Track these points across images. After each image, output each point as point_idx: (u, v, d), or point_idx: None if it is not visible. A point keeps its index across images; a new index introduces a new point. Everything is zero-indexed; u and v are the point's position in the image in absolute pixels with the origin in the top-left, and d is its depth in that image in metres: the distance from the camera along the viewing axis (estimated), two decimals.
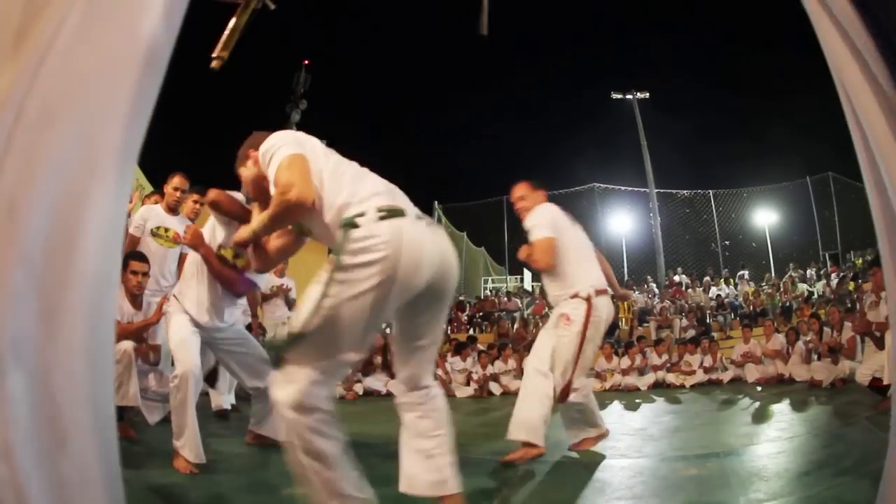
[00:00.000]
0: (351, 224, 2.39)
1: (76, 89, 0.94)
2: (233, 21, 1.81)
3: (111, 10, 1.00)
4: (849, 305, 12.99)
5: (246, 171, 3.21)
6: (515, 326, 17.55)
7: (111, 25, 1.00)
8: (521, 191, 5.37)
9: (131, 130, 1.03)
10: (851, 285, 16.98)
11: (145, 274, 5.43)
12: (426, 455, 2.75)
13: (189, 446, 4.12)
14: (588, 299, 4.74)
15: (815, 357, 10.35)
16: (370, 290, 2.31)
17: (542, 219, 5.01)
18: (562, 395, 4.61)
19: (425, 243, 2.48)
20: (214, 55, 1.79)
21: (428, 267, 2.48)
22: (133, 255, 5.42)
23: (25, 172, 0.88)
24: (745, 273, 22.78)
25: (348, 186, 2.63)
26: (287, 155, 2.66)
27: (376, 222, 2.40)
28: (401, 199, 2.65)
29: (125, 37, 1.02)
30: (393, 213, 2.45)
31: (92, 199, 0.97)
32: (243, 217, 4.06)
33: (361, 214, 2.42)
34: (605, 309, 4.84)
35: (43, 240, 0.91)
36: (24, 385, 0.89)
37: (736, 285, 21.31)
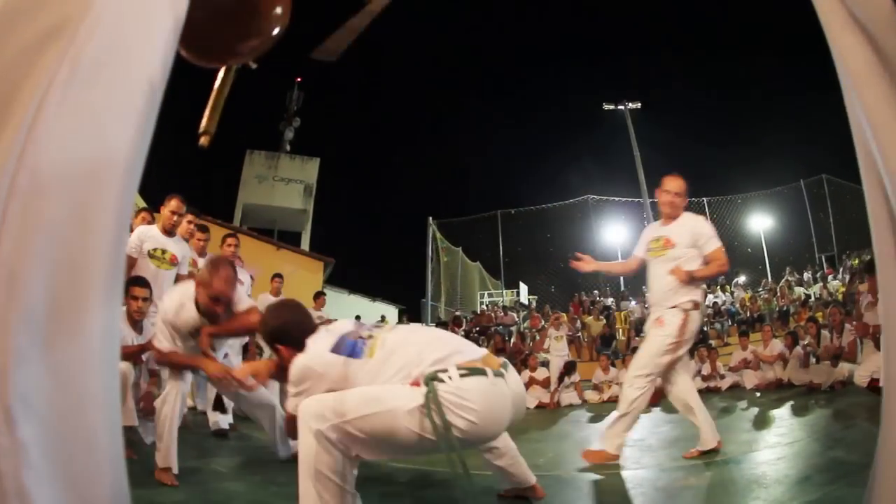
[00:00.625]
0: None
1: (66, 154, 0.95)
2: (216, 86, 1.78)
3: (97, 70, 1.00)
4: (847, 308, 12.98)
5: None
6: (512, 340, 17.54)
7: (98, 85, 1.00)
8: (680, 187, 5.44)
9: (127, 181, 1.05)
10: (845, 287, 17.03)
11: (146, 299, 5.42)
12: None
13: (164, 454, 4.16)
14: (687, 312, 5.10)
15: (814, 360, 10.35)
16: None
17: (712, 229, 5.39)
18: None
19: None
20: (201, 130, 1.75)
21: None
22: (135, 280, 5.41)
23: (21, 240, 0.89)
24: (741, 279, 22.82)
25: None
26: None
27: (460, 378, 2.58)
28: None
29: (115, 94, 1.03)
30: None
31: (91, 256, 0.98)
32: None
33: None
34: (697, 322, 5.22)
35: (45, 301, 0.91)
36: (36, 433, 0.90)
37: (732, 292, 21.34)
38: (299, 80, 38.54)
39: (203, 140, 1.72)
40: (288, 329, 3.03)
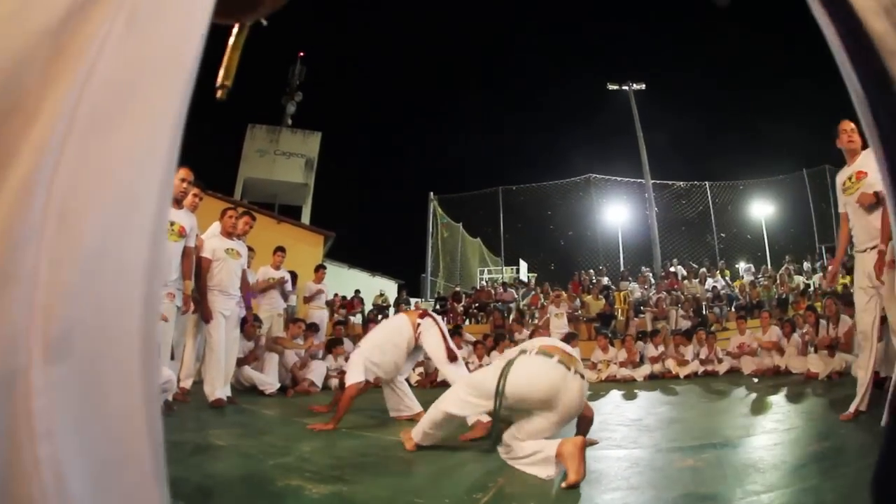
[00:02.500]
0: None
1: (124, 97, 0.98)
2: (230, 42, 1.76)
3: (153, 19, 1.02)
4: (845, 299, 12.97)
5: None
6: (511, 317, 17.56)
7: (154, 34, 1.03)
8: (853, 125, 5.59)
9: (174, 134, 1.06)
10: (848, 279, 16.99)
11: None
12: None
13: None
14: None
15: (812, 349, 10.37)
16: None
17: None
18: None
19: None
20: (218, 84, 1.74)
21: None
22: None
23: (77, 178, 0.90)
24: (751, 266, 22.83)
25: None
26: None
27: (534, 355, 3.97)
28: None
29: (167, 44, 1.06)
30: None
31: (141, 201, 1.00)
32: None
33: None
34: None
35: (97, 240, 0.93)
36: (73, 371, 0.90)
37: (734, 277, 21.37)
38: (302, 54, 38.37)
39: (220, 93, 1.71)
40: None
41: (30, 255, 0.84)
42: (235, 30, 1.73)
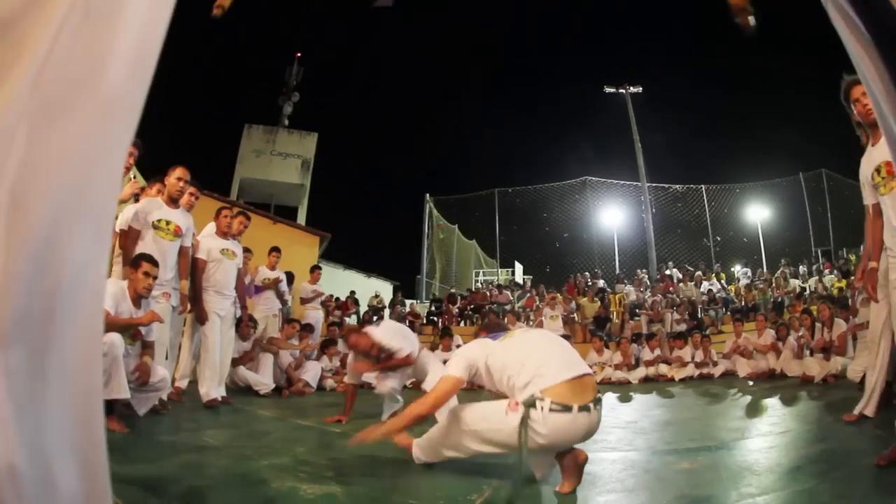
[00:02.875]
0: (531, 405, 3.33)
1: (78, 88, 0.99)
2: None
3: (111, 13, 1.04)
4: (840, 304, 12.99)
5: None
6: (506, 319, 17.55)
7: (111, 28, 1.04)
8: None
9: (128, 126, 1.09)
10: (843, 282, 17.02)
11: (155, 277, 5.42)
12: None
13: None
14: None
15: (807, 353, 10.38)
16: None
17: None
18: None
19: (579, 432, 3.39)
20: (217, 3, 1.75)
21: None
22: (146, 257, 5.41)
23: (28, 166, 0.92)
24: (748, 270, 22.87)
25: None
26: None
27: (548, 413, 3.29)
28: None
29: (125, 38, 1.06)
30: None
31: (90, 191, 1.01)
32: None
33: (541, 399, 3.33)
34: None
35: (47, 229, 0.95)
36: (23, 359, 0.93)
37: (730, 281, 21.39)
38: (299, 55, 38.36)
39: (216, 11, 1.73)
40: None
41: None
42: None
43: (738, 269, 24.40)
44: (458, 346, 12.20)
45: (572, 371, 3.50)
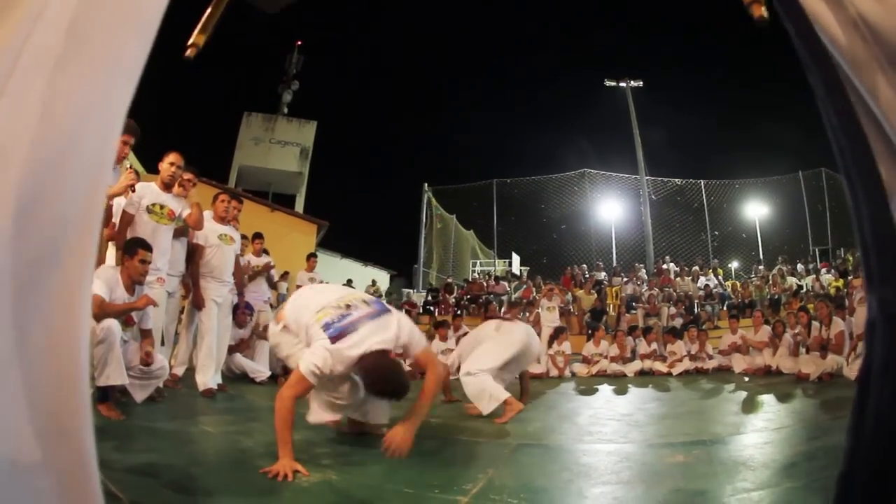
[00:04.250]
0: None
1: (75, 41, 0.98)
2: (211, 5, 1.77)
3: None
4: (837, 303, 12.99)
5: None
6: (503, 310, 17.56)
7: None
8: None
9: (127, 85, 1.08)
10: (841, 282, 17.04)
11: (149, 263, 5.41)
12: None
13: None
14: None
15: (803, 350, 10.38)
16: None
17: None
18: None
19: None
20: (189, 42, 1.74)
21: None
22: (143, 244, 5.38)
23: (16, 114, 0.92)
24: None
25: None
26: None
27: None
28: None
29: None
30: None
31: (81, 146, 1.01)
32: None
33: None
34: None
35: (31, 181, 0.94)
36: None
37: (727, 277, 21.43)
38: (299, 43, 38.29)
39: (190, 52, 1.72)
40: None
41: None
42: None
43: (735, 266, 24.43)
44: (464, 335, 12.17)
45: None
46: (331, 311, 3.98)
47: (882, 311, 1.23)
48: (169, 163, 6.40)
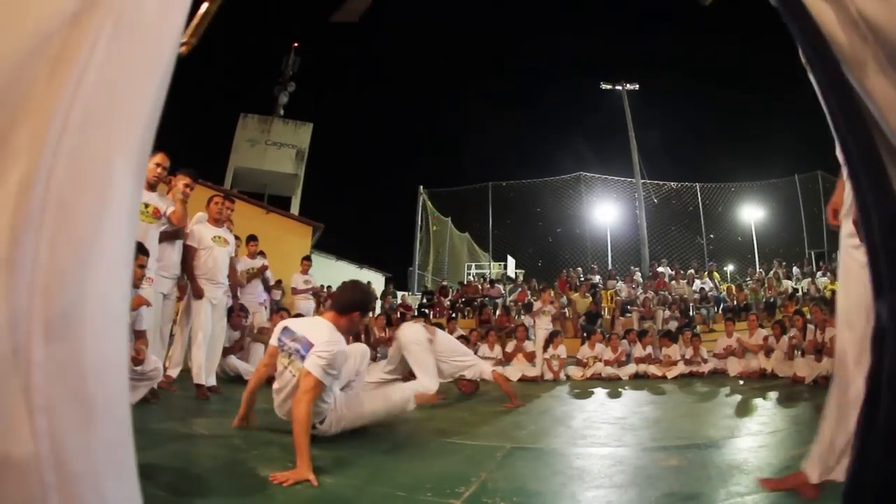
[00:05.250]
0: None
1: (110, 97, 1.06)
2: (204, 6, 1.77)
3: (135, 24, 1.11)
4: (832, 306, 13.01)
5: None
6: (497, 313, 17.55)
7: (136, 38, 1.12)
8: None
9: (149, 128, 1.15)
10: (836, 285, 17.06)
11: (145, 267, 5.44)
12: None
13: None
14: None
15: (799, 353, 10.39)
16: None
17: None
18: None
19: None
20: (183, 40, 1.75)
21: None
22: (139, 247, 5.37)
23: (71, 172, 0.99)
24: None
25: None
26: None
27: None
28: None
29: (146, 47, 1.14)
30: None
31: (120, 193, 1.08)
32: None
33: None
34: None
35: (89, 229, 1.02)
36: (70, 350, 0.98)
37: (723, 279, 21.44)
38: (296, 45, 38.31)
39: (183, 49, 1.73)
40: None
41: (30, 242, 0.91)
42: None
43: (731, 269, 24.47)
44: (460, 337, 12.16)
45: None
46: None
47: (893, 321, 1.20)
48: (155, 163, 6.43)
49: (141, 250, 5.38)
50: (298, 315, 10.78)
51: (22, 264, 0.89)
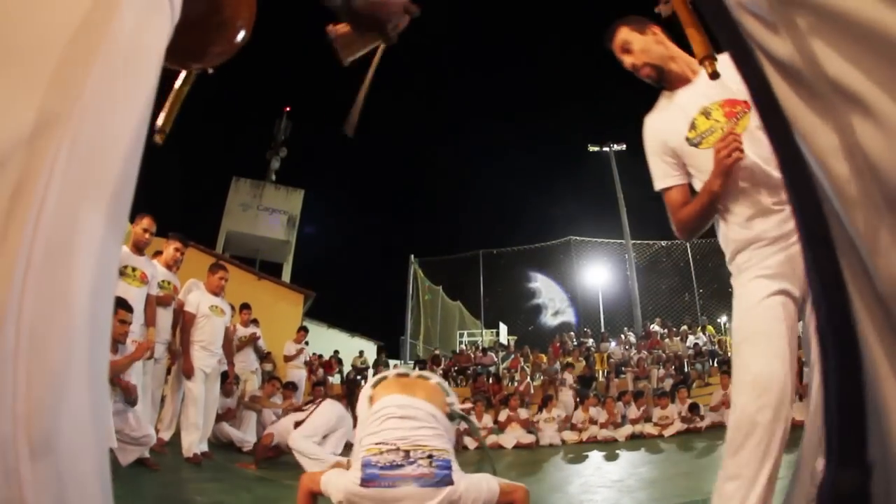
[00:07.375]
0: None
1: (71, 227, 1.06)
2: (175, 90, 1.81)
3: (91, 145, 1.09)
4: None
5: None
6: (490, 381, 17.48)
7: (91, 160, 1.10)
8: None
9: (114, 254, 1.20)
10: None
11: (129, 323, 5.45)
12: None
13: None
14: None
15: (796, 398, 10.35)
16: None
17: None
18: None
19: None
20: (157, 129, 1.79)
21: None
22: (121, 302, 5.43)
23: (39, 305, 0.99)
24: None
25: None
26: None
27: None
28: None
29: (103, 169, 1.13)
30: None
31: (95, 321, 1.11)
32: None
33: None
34: None
35: (61, 360, 1.04)
36: (55, 467, 1.01)
37: (717, 331, 21.43)
38: (288, 109, 38.65)
39: (158, 138, 1.76)
40: None
41: (8, 374, 0.91)
42: (181, 78, 1.78)
43: (724, 321, 24.44)
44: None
45: None
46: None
47: (833, 493, 1.15)
48: (142, 228, 6.46)
49: (125, 307, 5.39)
50: (290, 383, 10.72)
51: (3, 397, 0.91)
